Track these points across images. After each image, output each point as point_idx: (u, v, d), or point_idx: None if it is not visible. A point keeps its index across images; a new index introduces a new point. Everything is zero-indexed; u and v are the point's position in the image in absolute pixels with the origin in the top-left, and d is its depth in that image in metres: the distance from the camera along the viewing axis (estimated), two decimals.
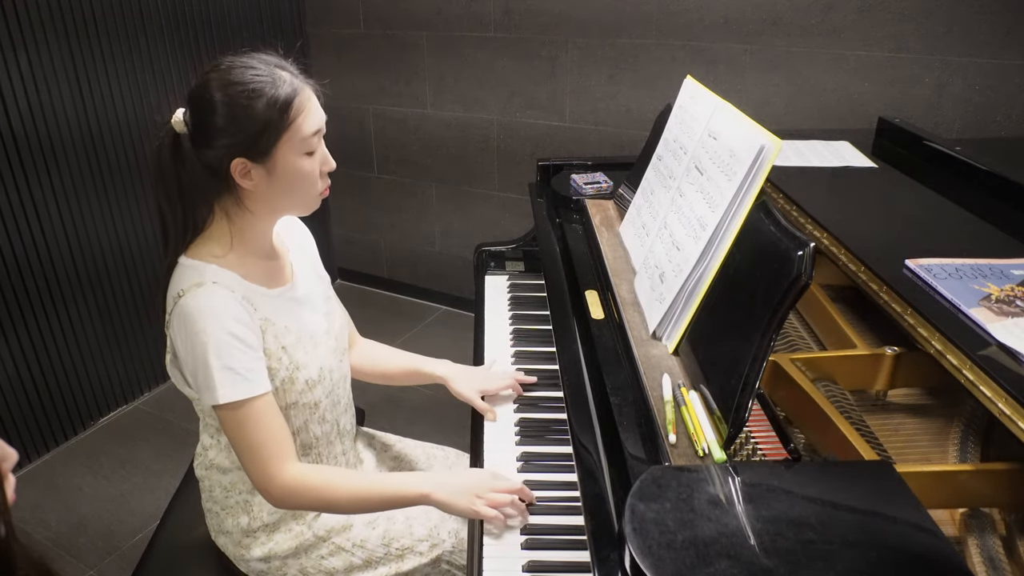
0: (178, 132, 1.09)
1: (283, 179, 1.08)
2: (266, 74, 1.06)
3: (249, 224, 1.14)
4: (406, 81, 3.09)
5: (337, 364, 1.28)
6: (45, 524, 2.21)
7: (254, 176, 1.07)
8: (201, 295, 1.06)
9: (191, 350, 1.06)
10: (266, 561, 1.25)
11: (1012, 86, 2.09)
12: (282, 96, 1.05)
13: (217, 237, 1.13)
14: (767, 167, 1.00)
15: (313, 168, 1.10)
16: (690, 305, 1.09)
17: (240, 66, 1.06)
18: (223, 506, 1.25)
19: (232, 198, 1.11)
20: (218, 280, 1.08)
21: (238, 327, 1.07)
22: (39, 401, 2.43)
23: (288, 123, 1.06)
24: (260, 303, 1.13)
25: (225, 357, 1.06)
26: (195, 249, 1.12)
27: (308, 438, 1.24)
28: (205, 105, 1.05)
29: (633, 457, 0.93)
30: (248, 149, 1.05)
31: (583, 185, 1.71)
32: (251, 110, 1.03)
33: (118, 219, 2.56)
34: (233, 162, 1.06)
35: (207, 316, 1.05)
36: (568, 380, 1.20)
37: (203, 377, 1.07)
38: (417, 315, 3.38)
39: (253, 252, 1.16)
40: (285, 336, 1.15)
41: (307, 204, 1.15)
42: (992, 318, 0.90)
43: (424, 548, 1.29)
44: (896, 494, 0.76)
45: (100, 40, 2.39)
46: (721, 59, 2.45)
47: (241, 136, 1.04)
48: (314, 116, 1.09)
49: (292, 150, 1.07)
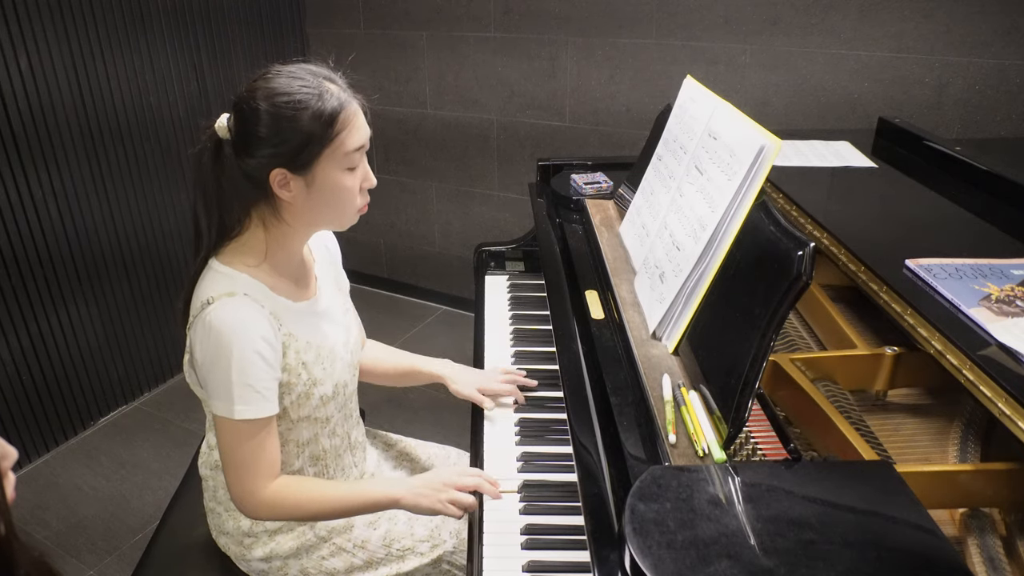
0: (221, 138, 1.08)
1: (322, 193, 1.08)
2: (313, 86, 1.05)
3: (284, 236, 1.13)
4: (406, 81, 3.09)
5: (351, 378, 1.28)
6: (45, 524, 2.21)
7: (293, 188, 1.07)
8: (231, 307, 1.05)
9: (213, 360, 1.06)
10: (267, 561, 1.26)
11: (1012, 86, 2.09)
12: (328, 110, 1.04)
13: (252, 246, 1.12)
14: (767, 167, 1.00)
15: (353, 184, 1.10)
16: (690, 305, 1.09)
17: (288, 76, 1.05)
18: (226, 507, 1.26)
19: (269, 208, 1.10)
20: (249, 292, 1.08)
21: (263, 345, 1.06)
22: (39, 401, 2.43)
23: (331, 137, 1.05)
24: (285, 318, 1.13)
25: (247, 374, 1.05)
26: (228, 255, 1.11)
27: (317, 450, 1.24)
28: (250, 114, 1.04)
29: (633, 457, 0.93)
30: (289, 161, 1.04)
31: (583, 185, 1.71)
32: (295, 122, 1.02)
33: (118, 219, 2.56)
34: (273, 172, 1.05)
35: (235, 330, 1.04)
36: (568, 380, 1.20)
37: (221, 388, 1.06)
38: (417, 315, 3.38)
39: (284, 264, 1.15)
40: (306, 352, 1.15)
41: (344, 220, 1.14)
42: (992, 318, 0.90)
43: (425, 549, 1.29)
44: (896, 494, 0.76)
45: (99, 36, 2.39)
46: (721, 59, 2.45)
47: (283, 147, 1.03)
48: (358, 132, 1.08)
49: (333, 165, 1.06)
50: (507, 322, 1.66)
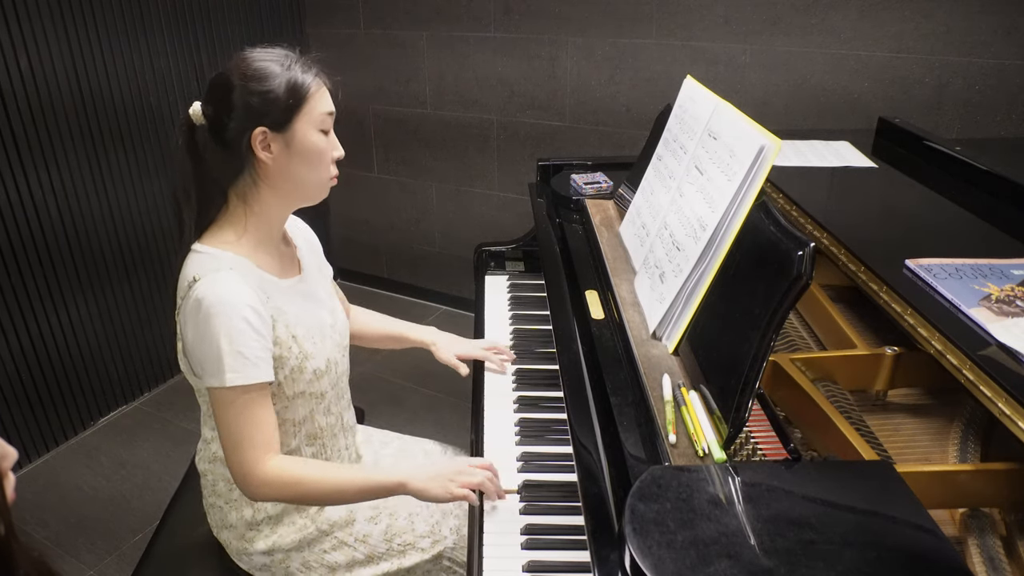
0: (195, 124, 1.13)
1: (300, 153, 1.12)
2: (282, 61, 1.12)
3: (265, 207, 1.16)
4: (406, 81, 3.09)
5: (341, 358, 1.29)
6: (45, 524, 2.21)
7: (273, 148, 1.11)
8: (218, 281, 1.07)
9: (203, 334, 1.07)
10: (269, 554, 1.26)
11: (1012, 86, 2.09)
12: (298, 76, 1.11)
13: (232, 223, 1.15)
14: (767, 167, 1.00)
15: (327, 148, 1.15)
16: (690, 305, 1.09)
17: (258, 51, 1.13)
18: (226, 499, 1.26)
19: (249, 178, 1.13)
20: (234, 267, 1.10)
21: (251, 313, 1.08)
22: (39, 401, 2.43)
23: (305, 97, 1.11)
24: (272, 292, 1.15)
25: (237, 342, 1.07)
26: (209, 237, 1.15)
27: (313, 428, 1.24)
28: (224, 85, 1.10)
29: (633, 457, 0.93)
30: (269, 119, 1.09)
31: (583, 185, 1.71)
32: (269, 84, 1.09)
33: (118, 219, 2.56)
34: (255, 132, 1.09)
35: (222, 301, 1.06)
36: (568, 380, 1.20)
37: (212, 360, 1.08)
38: (417, 315, 3.37)
39: (266, 239, 1.18)
40: (296, 326, 1.17)
41: (319, 187, 1.18)
42: (992, 318, 0.90)
43: (426, 544, 1.29)
44: (896, 494, 0.76)
45: (99, 36, 2.39)
46: (721, 59, 2.45)
47: (262, 107, 1.09)
48: (327, 99, 1.14)
49: (309, 124, 1.12)
50: (507, 322, 1.66)
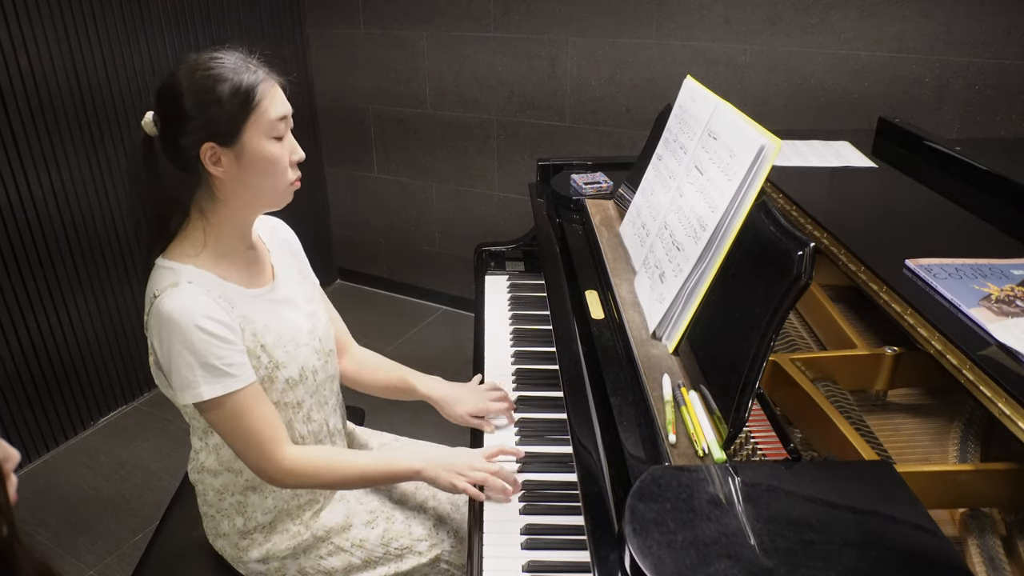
0: (148, 134, 1.11)
1: (252, 164, 1.09)
2: (229, 63, 1.08)
3: (224, 219, 1.14)
4: (406, 81, 3.09)
5: (322, 365, 1.27)
6: (45, 524, 2.21)
7: (224, 162, 1.08)
8: (175, 295, 1.06)
9: (168, 350, 1.07)
10: (264, 562, 1.25)
11: (1012, 86, 2.09)
12: (246, 81, 1.07)
13: (193, 237, 1.14)
14: (767, 167, 1.00)
15: (282, 154, 1.11)
16: (690, 305, 1.09)
17: (205, 58, 1.09)
18: (217, 509, 1.25)
19: (205, 192, 1.12)
20: (193, 280, 1.09)
21: (209, 323, 1.07)
22: (39, 401, 2.44)
23: (253, 105, 1.07)
24: (238, 302, 1.13)
25: (201, 354, 1.06)
26: (172, 250, 1.13)
27: (294, 436, 1.23)
28: (171, 94, 1.07)
29: (633, 457, 0.93)
30: (216, 133, 1.06)
31: (583, 185, 1.71)
32: (216, 93, 1.05)
33: (118, 219, 2.56)
34: (202, 148, 1.07)
35: (182, 315, 1.05)
36: (568, 380, 1.20)
37: (182, 376, 1.07)
38: (417, 315, 3.38)
39: (229, 250, 1.16)
40: (264, 335, 1.16)
41: (277, 194, 1.15)
42: (992, 318, 0.90)
43: (423, 548, 1.29)
44: (896, 494, 0.76)
45: (99, 37, 2.39)
46: (721, 59, 2.45)
47: (208, 120, 1.06)
48: (279, 103, 1.11)
49: (259, 133, 1.08)
50: (507, 322, 1.66)
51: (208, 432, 1.20)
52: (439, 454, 1.22)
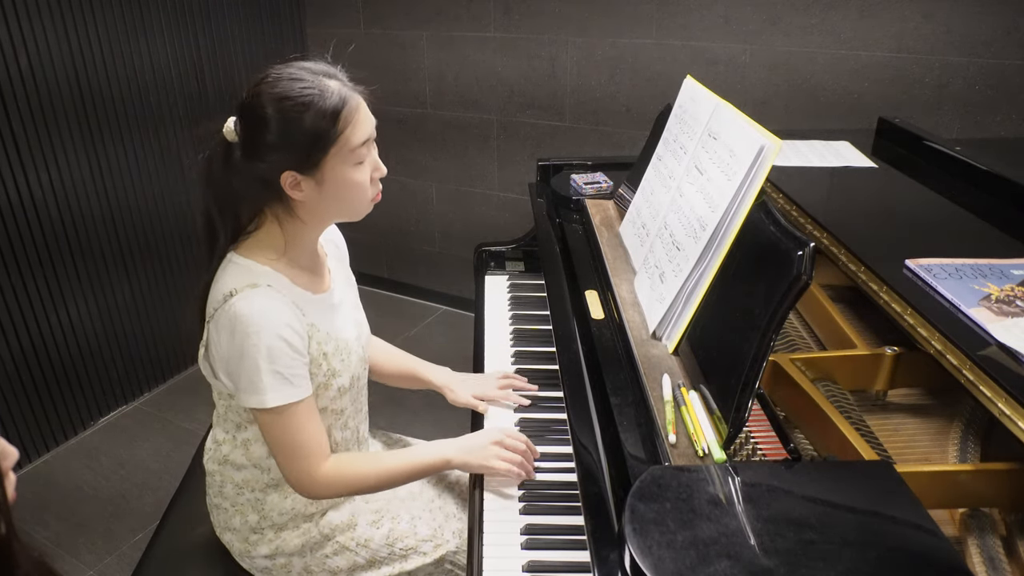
0: (229, 141, 1.10)
1: (333, 190, 1.09)
2: (314, 85, 1.05)
3: (300, 231, 1.14)
4: (406, 81, 3.09)
5: (363, 372, 1.29)
6: (45, 524, 2.21)
7: (304, 188, 1.08)
8: (256, 297, 1.06)
9: (239, 351, 1.06)
10: (271, 558, 1.26)
11: (1012, 86, 2.09)
12: (330, 108, 1.04)
13: (269, 242, 1.14)
14: (767, 167, 1.00)
15: (363, 178, 1.11)
16: (690, 305, 1.09)
17: (287, 78, 1.06)
18: (233, 502, 1.25)
19: (283, 207, 1.12)
20: (272, 284, 1.09)
21: (289, 332, 1.07)
22: (39, 401, 2.43)
23: (337, 135, 1.06)
24: (307, 308, 1.14)
25: (276, 362, 1.06)
26: (247, 249, 1.13)
27: (330, 444, 1.24)
28: (256, 119, 1.05)
29: (633, 457, 0.93)
30: (298, 163, 1.06)
31: (583, 185, 1.71)
32: (300, 124, 1.04)
33: (118, 219, 2.56)
34: (283, 175, 1.06)
35: (261, 319, 1.05)
36: (568, 380, 1.20)
37: (250, 379, 1.07)
38: (417, 315, 3.38)
39: (301, 257, 1.17)
40: (327, 343, 1.16)
41: (358, 211, 1.15)
42: (992, 318, 0.90)
43: (428, 548, 1.29)
44: (896, 494, 0.76)
45: (99, 36, 2.39)
46: (721, 59, 2.45)
47: (291, 150, 1.05)
48: (363, 125, 1.09)
49: (342, 161, 1.07)
50: (507, 322, 1.66)
51: (240, 427, 1.20)
52: (464, 441, 1.23)
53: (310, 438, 1.13)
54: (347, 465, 1.19)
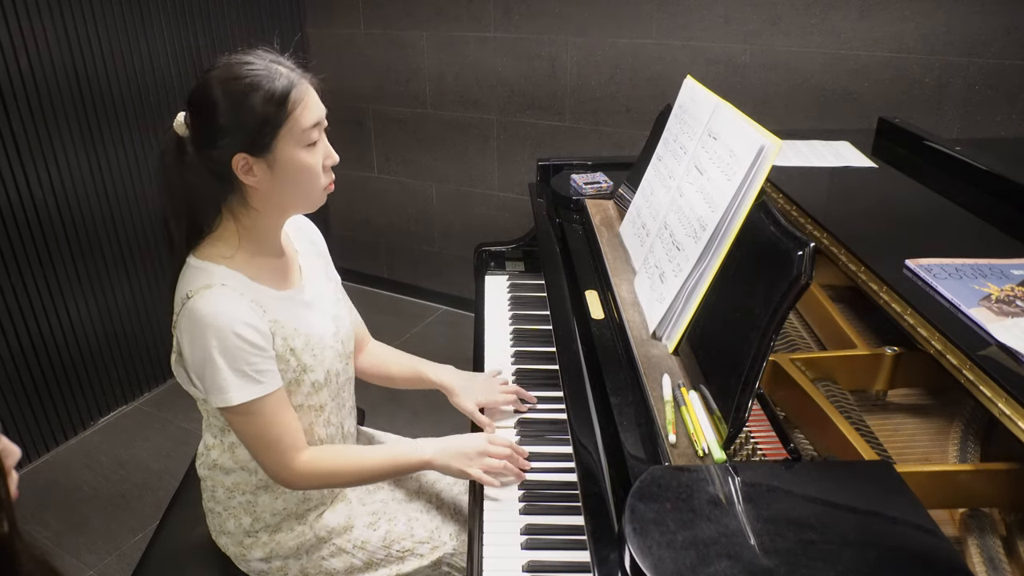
0: (180, 135, 1.09)
1: (285, 173, 1.08)
2: (262, 68, 1.06)
3: (256, 223, 1.14)
4: (406, 81, 3.09)
5: (343, 368, 1.28)
6: (45, 524, 2.21)
7: (256, 172, 1.07)
8: (210, 297, 1.06)
9: (200, 352, 1.06)
10: (267, 561, 1.25)
11: (1012, 86, 2.09)
12: (279, 89, 1.05)
13: (225, 238, 1.13)
14: (767, 167, 1.00)
15: (315, 161, 1.10)
16: (690, 305, 1.09)
17: (236, 62, 1.06)
18: (225, 506, 1.25)
19: (238, 197, 1.11)
20: (227, 282, 1.08)
21: (246, 329, 1.07)
22: (39, 401, 2.43)
23: (286, 115, 1.06)
24: (269, 305, 1.13)
25: (234, 360, 1.06)
26: (203, 250, 1.12)
27: (313, 440, 1.23)
28: (203, 103, 1.05)
29: (633, 457, 0.93)
30: (249, 144, 1.05)
31: (583, 185, 1.71)
32: (249, 103, 1.04)
33: (118, 219, 2.56)
34: (235, 158, 1.06)
35: (216, 318, 1.05)
36: (568, 380, 1.20)
37: (212, 379, 1.07)
38: (417, 315, 3.38)
39: (261, 252, 1.16)
40: (294, 339, 1.15)
41: (312, 199, 1.14)
42: (992, 318, 0.90)
43: (425, 550, 1.29)
44: (896, 494, 0.76)
45: (99, 36, 2.39)
46: (721, 59, 2.45)
47: (240, 131, 1.05)
48: (313, 109, 1.09)
49: (292, 143, 1.07)
50: (507, 322, 1.66)
51: (225, 431, 1.20)
52: (448, 443, 1.23)
53: (283, 431, 1.13)
54: (324, 458, 1.19)
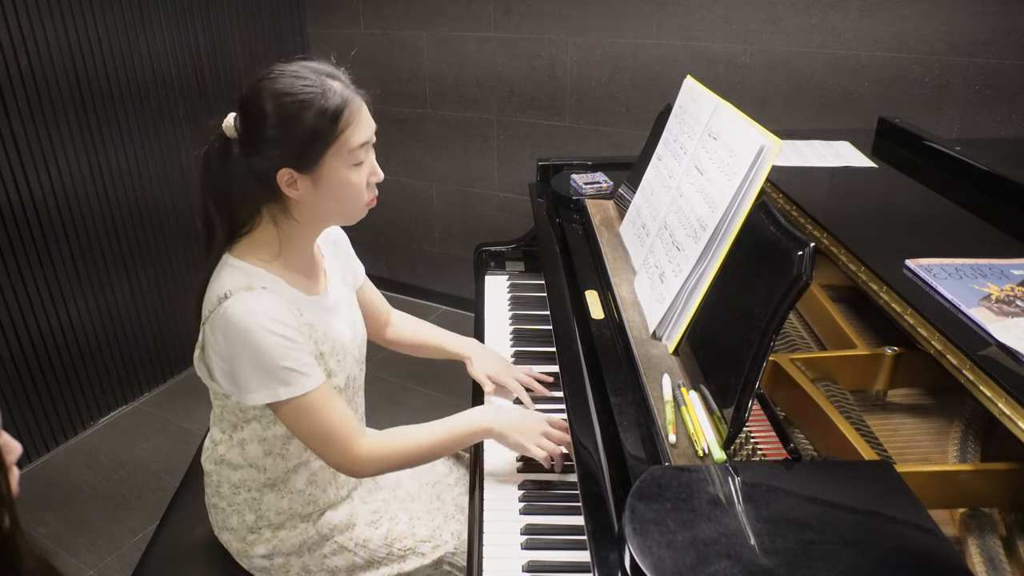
0: (228, 136, 1.09)
1: (329, 190, 1.09)
2: (316, 84, 1.05)
3: (295, 232, 1.14)
4: (406, 81, 3.09)
5: (359, 373, 1.29)
6: (45, 524, 2.21)
7: (300, 187, 1.08)
8: (250, 299, 1.06)
9: (239, 352, 1.06)
10: (269, 558, 1.26)
11: (1012, 86, 2.09)
12: (331, 107, 1.04)
13: (265, 242, 1.13)
14: (767, 167, 1.00)
15: (360, 180, 1.11)
16: (690, 305, 1.09)
17: (290, 75, 1.06)
18: (230, 502, 1.25)
19: (279, 206, 1.11)
20: (267, 286, 1.09)
21: (285, 328, 1.07)
22: (39, 401, 2.43)
23: (336, 135, 1.06)
24: (304, 310, 1.14)
25: (279, 357, 1.06)
26: (242, 250, 1.12)
27: None
28: (255, 113, 1.05)
29: (633, 457, 0.93)
30: (295, 160, 1.05)
31: (583, 185, 1.71)
32: (300, 121, 1.03)
33: (119, 219, 2.56)
34: (280, 172, 1.06)
35: (257, 318, 1.05)
36: (568, 380, 1.20)
37: (257, 378, 1.07)
38: (417, 315, 3.32)
39: (297, 259, 1.16)
40: (323, 343, 1.16)
41: (353, 214, 1.15)
42: (992, 318, 0.90)
43: (426, 549, 1.29)
44: (896, 494, 0.76)
45: (99, 35, 2.39)
46: (721, 59, 2.45)
47: (289, 147, 1.05)
48: (363, 128, 1.09)
49: (339, 161, 1.07)
50: (507, 322, 1.66)
51: (237, 427, 1.19)
52: (509, 414, 1.24)
53: (340, 420, 1.13)
54: (385, 442, 1.19)
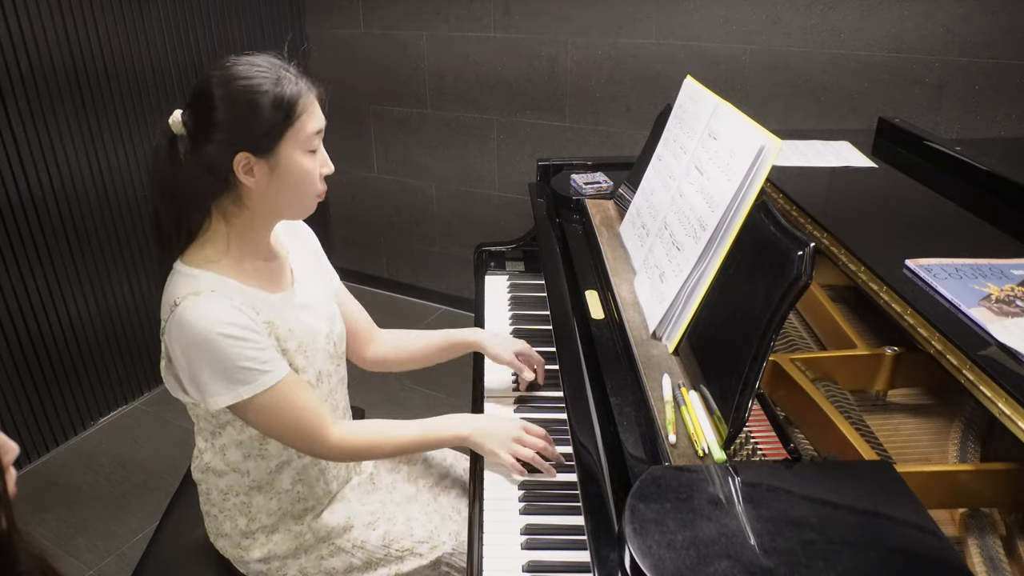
0: (176, 133, 1.09)
1: (285, 176, 1.09)
2: (270, 72, 1.06)
3: (247, 226, 1.13)
4: (406, 81, 3.09)
5: (335, 368, 1.28)
6: (45, 524, 2.21)
7: (257, 172, 1.07)
8: (200, 303, 1.05)
9: (195, 358, 1.06)
10: (266, 562, 1.25)
11: (1012, 86, 2.09)
12: (288, 94, 1.05)
13: (213, 241, 1.12)
14: (767, 167, 1.00)
15: (314, 167, 1.11)
16: (690, 305, 1.09)
17: (244, 63, 1.06)
18: (220, 509, 1.25)
19: (231, 198, 1.10)
20: (216, 288, 1.08)
21: (239, 329, 1.06)
22: (39, 401, 2.43)
23: (293, 120, 1.06)
24: (262, 307, 1.12)
25: (235, 359, 1.05)
26: (191, 255, 1.12)
27: None
28: (208, 100, 1.05)
29: (633, 457, 0.93)
30: (253, 144, 1.05)
31: (583, 185, 1.71)
32: (256, 105, 1.04)
33: (119, 219, 2.56)
34: (237, 157, 1.05)
35: (206, 323, 1.04)
36: (568, 380, 1.20)
37: (215, 381, 1.06)
38: (417, 315, 3.38)
39: (250, 255, 1.15)
40: (287, 340, 1.15)
41: (304, 205, 1.15)
42: (992, 318, 0.90)
43: (424, 550, 1.28)
44: (896, 494, 0.76)
45: (99, 35, 2.39)
46: (721, 59, 2.45)
47: (246, 131, 1.05)
48: (316, 117, 1.10)
49: (296, 147, 1.08)
50: (507, 322, 1.66)
51: (215, 434, 1.19)
52: (485, 422, 1.24)
53: (304, 412, 1.13)
54: (358, 434, 1.21)
